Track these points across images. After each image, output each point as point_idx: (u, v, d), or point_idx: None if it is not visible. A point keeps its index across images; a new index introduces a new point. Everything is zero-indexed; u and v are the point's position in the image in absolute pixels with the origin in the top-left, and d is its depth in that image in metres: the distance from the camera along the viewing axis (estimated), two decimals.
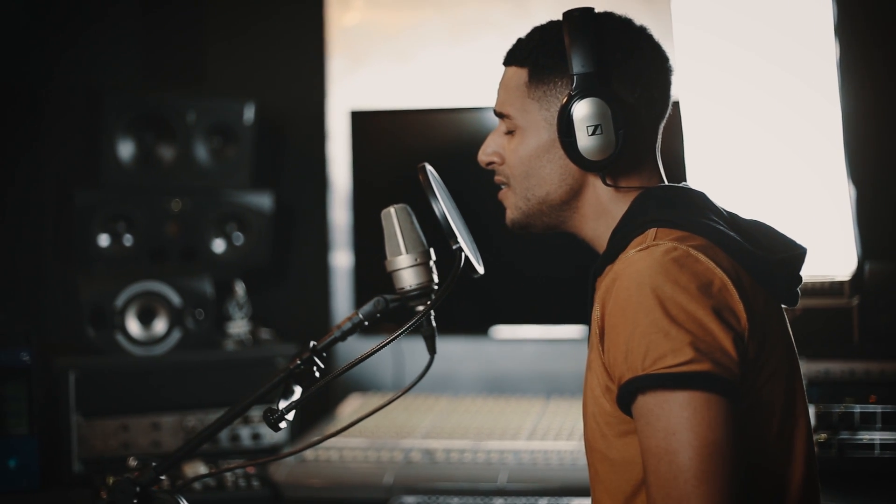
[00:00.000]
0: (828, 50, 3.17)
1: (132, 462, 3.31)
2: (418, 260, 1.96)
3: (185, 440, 2.50)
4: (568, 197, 2.00)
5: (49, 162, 3.92)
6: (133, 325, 3.48)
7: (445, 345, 2.02)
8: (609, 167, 1.95)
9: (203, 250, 3.80)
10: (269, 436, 3.52)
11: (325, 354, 1.99)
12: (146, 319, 3.50)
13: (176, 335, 3.51)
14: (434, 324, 1.97)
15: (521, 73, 2.01)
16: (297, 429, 3.49)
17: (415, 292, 1.96)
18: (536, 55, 1.99)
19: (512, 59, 2.04)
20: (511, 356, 4.14)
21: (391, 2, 4.19)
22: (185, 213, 3.77)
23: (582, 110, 1.90)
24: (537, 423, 3.53)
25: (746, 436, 1.75)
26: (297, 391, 1.96)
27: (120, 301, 3.46)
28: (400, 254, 1.97)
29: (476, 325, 4.01)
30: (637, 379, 1.72)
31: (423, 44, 4.17)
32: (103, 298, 3.45)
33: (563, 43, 1.94)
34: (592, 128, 1.90)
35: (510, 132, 2.03)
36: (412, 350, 3.87)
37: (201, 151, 3.80)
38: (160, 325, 3.50)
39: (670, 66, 2.03)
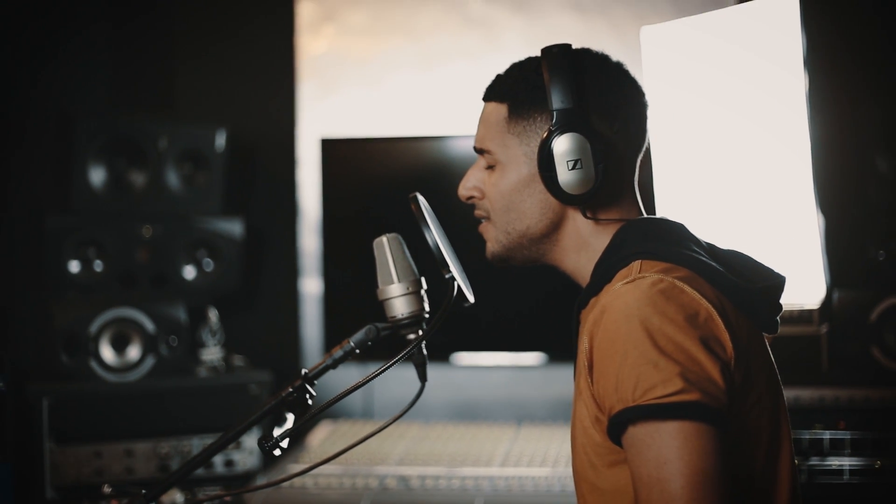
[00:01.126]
0: (797, 81, 3.22)
1: (107, 489, 3.30)
2: (410, 289, 1.99)
3: (179, 466, 2.50)
4: (548, 230, 2.02)
5: (20, 187, 3.91)
6: (107, 352, 3.47)
7: (412, 371, 2.04)
8: (589, 201, 1.98)
9: (173, 276, 3.80)
10: (242, 462, 3.52)
11: (315, 382, 2.00)
12: (120, 346, 3.49)
13: (150, 362, 3.50)
14: (425, 352, 2.00)
15: (500, 109, 2.04)
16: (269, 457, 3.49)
17: (406, 321, 1.99)
18: (516, 91, 2.02)
19: (491, 94, 2.07)
20: (479, 383, 4.16)
21: (361, 29, 4.21)
22: (155, 239, 3.77)
23: (562, 145, 1.94)
24: (510, 450, 3.55)
25: (735, 462, 1.79)
26: (290, 418, 1.97)
27: (94, 327, 3.45)
28: (392, 282, 1.99)
29: (437, 352, 4.01)
30: (627, 410, 1.75)
31: (393, 71, 4.20)
32: (77, 325, 3.45)
33: (542, 78, 1.97)
34: (572, 162, 1.93)
35: (490, 167, 2.06)
36: (381, 378, 3.87)
37: (172, 177, 3.80)
38: (134, 352, 3.50)
39: (646, 101, 2.07)
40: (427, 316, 2.00)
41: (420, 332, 1.98)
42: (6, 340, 3.79)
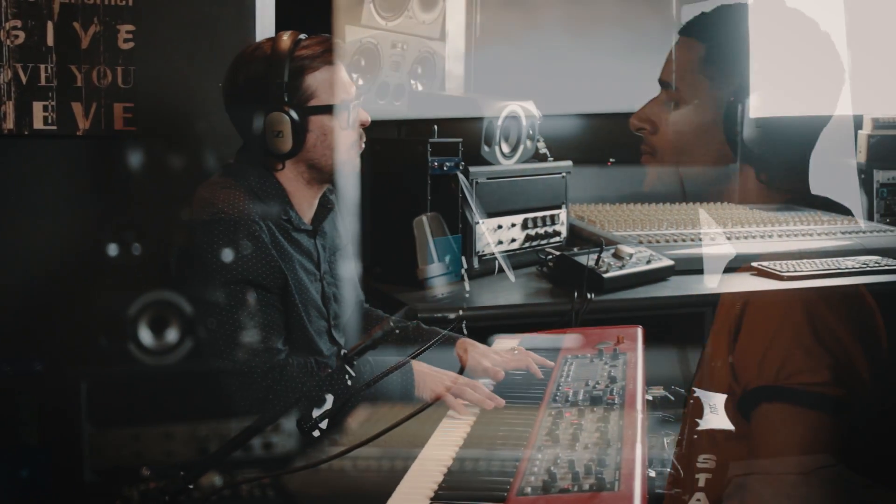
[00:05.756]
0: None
1: (145, 472, 3.29)
2: (450, 268, 1.96)
3: (217, 449, 2.49)
4: (718, 181, 1.93)
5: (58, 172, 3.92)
6: (145, 335, 3.47)
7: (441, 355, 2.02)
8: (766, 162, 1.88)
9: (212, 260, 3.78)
10: (281, 445, 3.50)
11: (355, 363, 1.98)
12: (158, 329, 3.49)
13: (188, 345, 3.49)
14: (465, 331, 1.98)
15: (697, 47, 1.93)
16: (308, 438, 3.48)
17: (447, 300, 1.97)
18: (719, 33, 1.91)
19: (691, 31, 1.95)
20: None
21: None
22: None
23: (758, 99, 1.84)
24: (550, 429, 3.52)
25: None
26: (329, 399, 1.96)
27: (132, 311, 3.45)
28: (432, 262, 1.97)
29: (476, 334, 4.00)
30: (767, 388, 1.68)
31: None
32: (116, 308, 3.45)
33: (746, 25, 1.87)
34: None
35: (671, 103, 1.94)
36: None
37: (211, 162, 3.79)
38: (172, 335, 3.49)
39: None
40: (467, 295, 1.98)
41: (461, 312, 1.96)
42: (44, 324, 3.79)
